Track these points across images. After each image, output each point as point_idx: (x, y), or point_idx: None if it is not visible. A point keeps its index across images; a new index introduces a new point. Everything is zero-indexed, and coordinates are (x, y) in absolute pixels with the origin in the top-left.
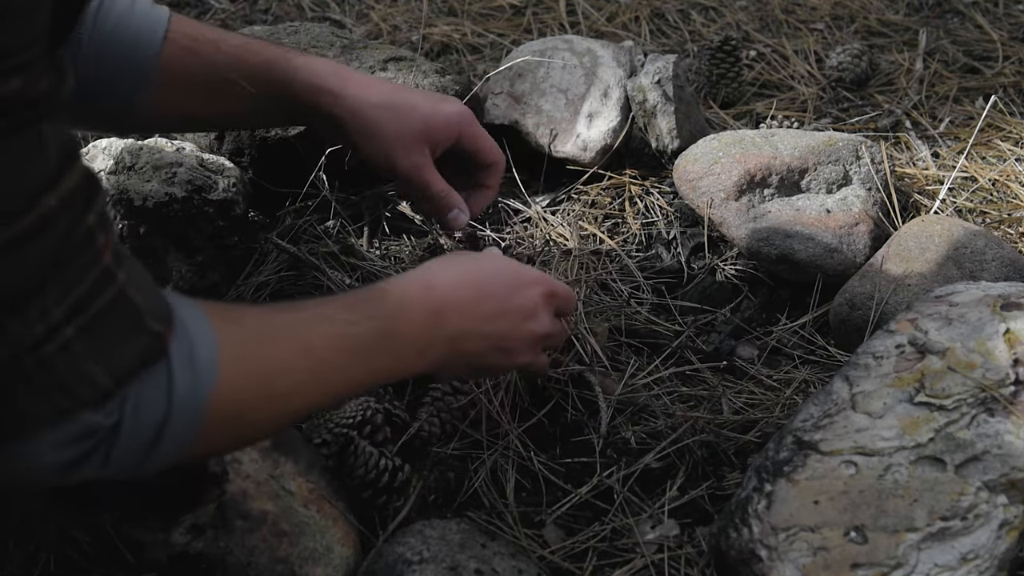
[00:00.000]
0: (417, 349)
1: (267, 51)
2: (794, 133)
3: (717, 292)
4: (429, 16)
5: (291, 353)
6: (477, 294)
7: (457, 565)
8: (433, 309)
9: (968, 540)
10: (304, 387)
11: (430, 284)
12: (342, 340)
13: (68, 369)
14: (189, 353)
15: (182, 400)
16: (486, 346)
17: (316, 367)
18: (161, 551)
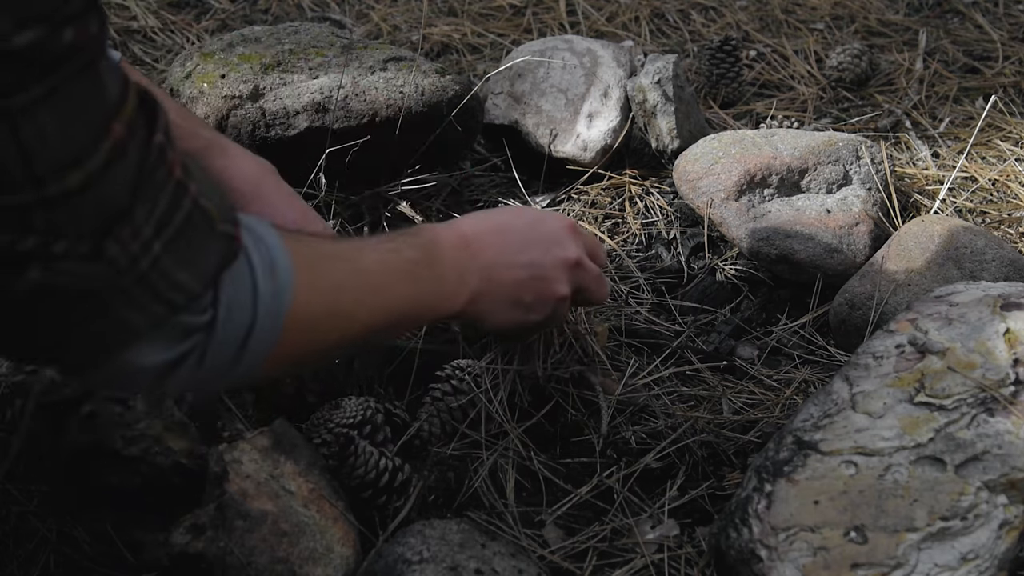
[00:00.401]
0: (457, 273)
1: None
2: (794, 133)
3: (717, 292)
4: (429, 16)
5: (347, 272)
6: (501, 228)
7: (457, 565)
8: (462, 241)
9: (968, 540)
10: (363, 305)
11: (455, 225)
12: (389, 263)
13: (162, 281)
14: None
15: (266, 304)
16: (520, 275)
17: (370, 285)
18: (161, 551)
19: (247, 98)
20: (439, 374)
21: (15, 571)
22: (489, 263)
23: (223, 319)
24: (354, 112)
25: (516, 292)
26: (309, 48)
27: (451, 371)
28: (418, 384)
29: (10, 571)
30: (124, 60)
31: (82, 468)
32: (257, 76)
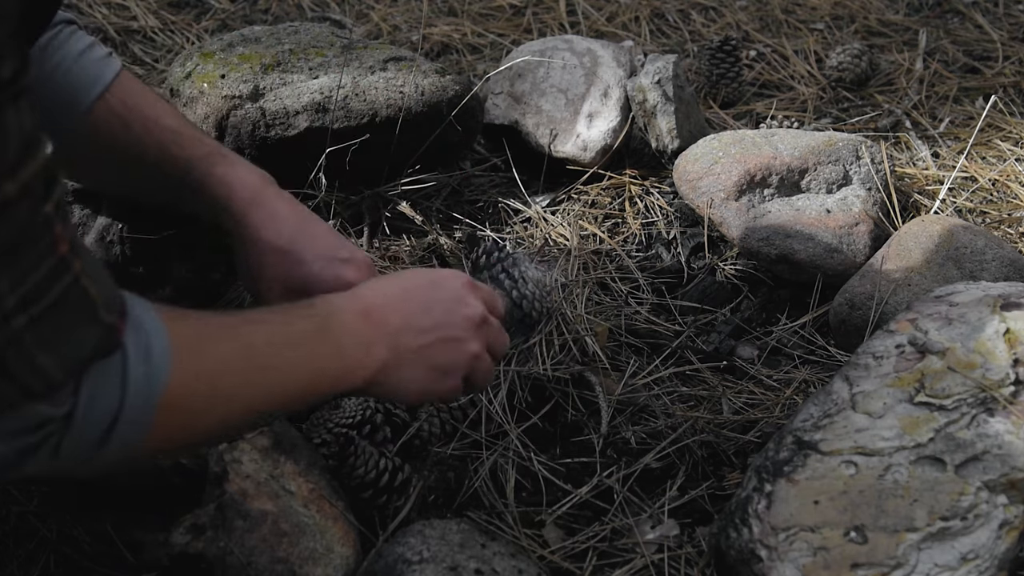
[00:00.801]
0: (360, 344)
1: (194, 148)
2: (794, 133)
3: (717, 292)
4: (429, 16)
5: (232, 352)
6: (403, 294)
7: (457, 565)
8: (363, 310)
9: (968, 540)
10: (248, 387)
11: (356, 294)
12: (281, 338)
13: (18, 360)
14: (145, 346)
15: (136, 392)
16: (430, 339)
17: (258, 365)
18: (161, 551)
19: (247, 98)
20: None
21: (15, 571)
22: (395, 331)
23: (84, 410)
24: (354, 112)
25: (428, 357)
26: (309, 48)
27: None
28: None
29: (10, 571)
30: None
31: None
32: (257, 76)
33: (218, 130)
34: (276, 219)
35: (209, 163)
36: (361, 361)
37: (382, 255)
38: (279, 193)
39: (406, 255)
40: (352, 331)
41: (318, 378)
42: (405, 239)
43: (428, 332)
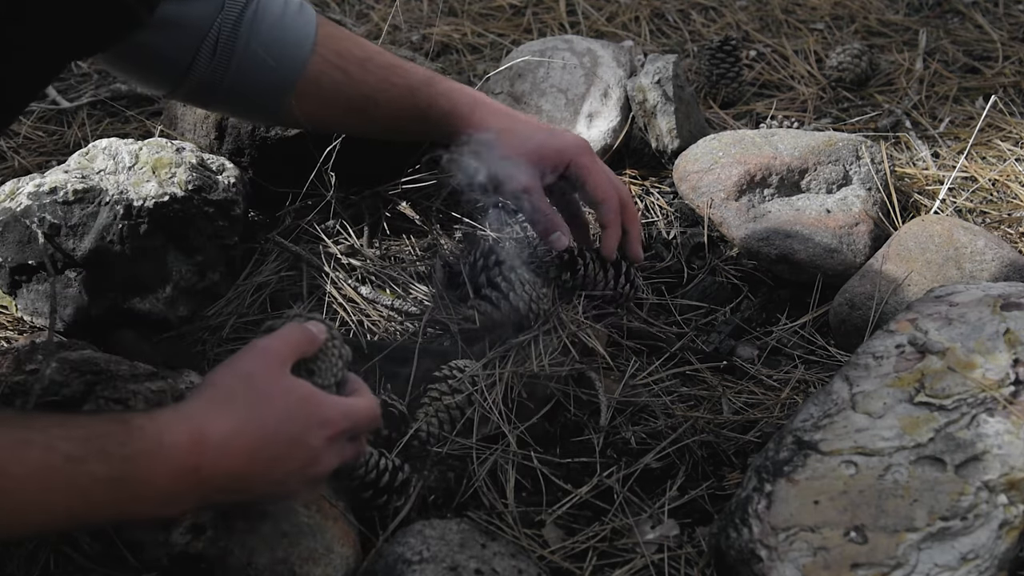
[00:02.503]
0: (162, 499)
1: (411, 76)
2: (794, 133)
3: (717, 292)
4: (429, 16)
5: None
6: (250, 451)
7: (457, 565)
8: (192, 466)
9: (968, 540)
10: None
11: (198, 435)
12: (53, 474)
13: None
14: None
15: None
16: (255, 494)
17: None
18: (161, 551)
19: None
20: (437, 374)
21: (15, 571)
22: (216, 489)
23: None
24: None
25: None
26: None
27: (449, 371)
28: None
29: (10, 571)
30: None
31: None
32: None
33: (218, 130)
34: (497, 113)
35: (429, 84)
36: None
37: (382, 255)
38: (487, 98)
39: (406, 255)
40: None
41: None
42: (405, 239)
43: (257, 491)
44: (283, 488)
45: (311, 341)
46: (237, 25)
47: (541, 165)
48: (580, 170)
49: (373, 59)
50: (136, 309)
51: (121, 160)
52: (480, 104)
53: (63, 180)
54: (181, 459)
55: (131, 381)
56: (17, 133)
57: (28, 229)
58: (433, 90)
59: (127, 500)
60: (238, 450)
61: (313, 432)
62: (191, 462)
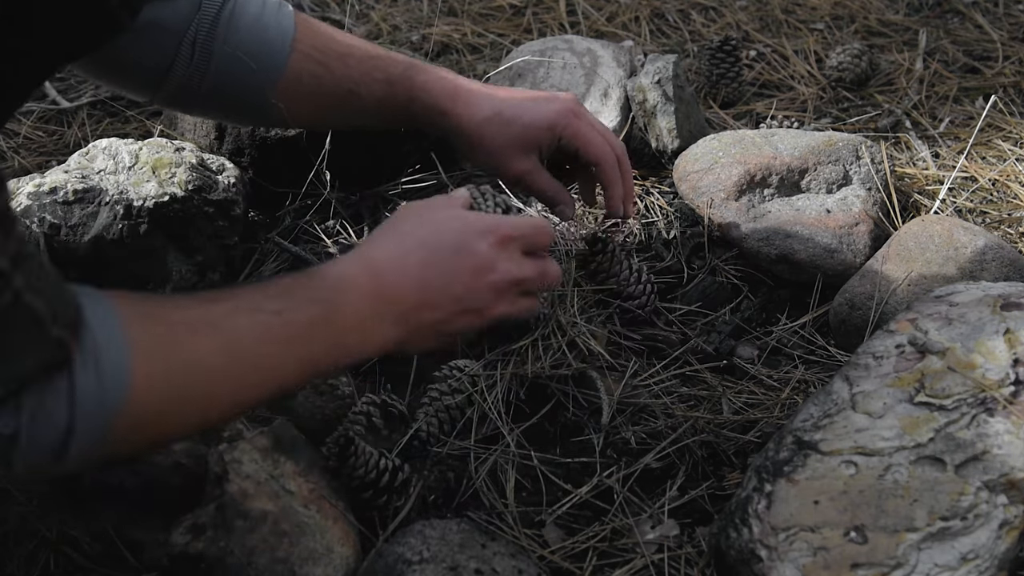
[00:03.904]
0: (364, 327)
1: (390, 69)
2: (794, 133)
3: (717, 292)
4: (429, 16)
5: (210, 349)
6: (422, 265)
7: (457, 565)
8: (374, 286)
9: (968, 540)
10: (228, 383)
11: (368, 257)
12: (269, 330)
13: None
14: (95, 360)
15: (86, 408)
16: (446, 312)
17: (241, 361)
18: (161, 551)
19: None
20: (437, 374)
21: (15, 571)
22: (408, 309)
23: (27, 430)
24: None
25: (443, 327)
26: None
27: (449, 371)
28: (418, 384)
29: (10, 571)
30: None
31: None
32: None
33: (218, 130)
34: (480, 99)
35: (408, 76)
36: (362, 344)
37: None
38: (468, 81)
39: None
40: (355, 315)
41: (313, 370)
42: None
43: (445, 308)
44: (468, 303)
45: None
46: (215, 25)
47: (534, 145)
48: (572, 139)
49: (353, 53)
50: None
51: (121, 160)
52: (461, 93)
53: (63, 180)
54: (363, 286)
55: None
56: (17, 133)
57: (28, 229)
58: (412, 83)
59: (339, 333)
60: (408, 267)
61: (477, 238)
62: (371, 286)
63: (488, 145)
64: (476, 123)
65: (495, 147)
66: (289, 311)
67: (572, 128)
